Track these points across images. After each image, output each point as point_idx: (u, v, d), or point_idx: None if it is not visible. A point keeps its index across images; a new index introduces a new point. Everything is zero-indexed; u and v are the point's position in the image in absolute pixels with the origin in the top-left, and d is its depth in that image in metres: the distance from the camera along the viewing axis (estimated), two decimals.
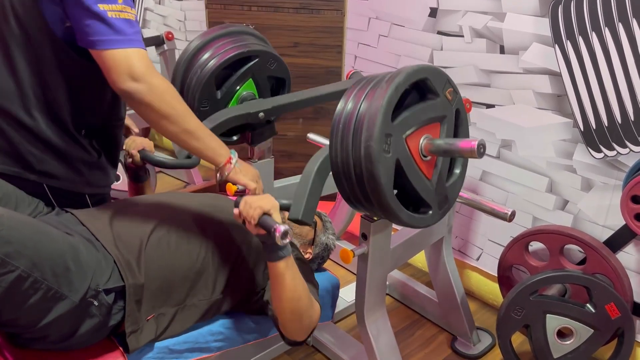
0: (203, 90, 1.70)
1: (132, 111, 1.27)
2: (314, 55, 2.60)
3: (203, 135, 1.25)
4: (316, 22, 2.54)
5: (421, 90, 1.23)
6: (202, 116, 1.66)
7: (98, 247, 1.20)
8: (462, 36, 2.04)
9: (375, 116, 1.11)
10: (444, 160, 1.28)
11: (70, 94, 1.25)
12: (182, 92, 1.74)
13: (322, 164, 1.35)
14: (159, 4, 3.38)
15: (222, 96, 1.75)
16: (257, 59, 1.75)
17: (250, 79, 1.78)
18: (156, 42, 2.80)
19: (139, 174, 1.60)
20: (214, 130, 1.55)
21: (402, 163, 1.17)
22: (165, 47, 2.80)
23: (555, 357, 1.69)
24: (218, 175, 1.32)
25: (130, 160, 1.52)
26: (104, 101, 1.33)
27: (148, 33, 3.35)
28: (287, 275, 1.22)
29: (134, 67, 1.12)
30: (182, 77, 1.74)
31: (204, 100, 1.71)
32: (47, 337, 1.13)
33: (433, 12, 2.12)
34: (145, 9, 3.48)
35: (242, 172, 1.33)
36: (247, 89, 1.78)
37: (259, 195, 1.23)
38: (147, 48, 1.21)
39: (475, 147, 1.10)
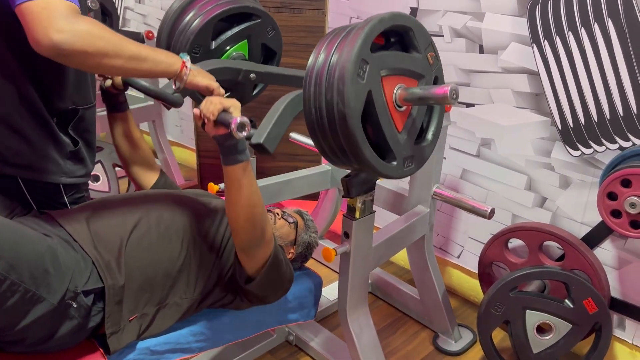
0: (199, 33, 1.60)
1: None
2: (295, 54, 2.59)
3: (148, 54, 1.16)
4: (297, 21, 2.54)
5: (404, 44, 1.23)
6: (191, 61, 1.58)
7: (76, 248, 1.19)
8: (442, 36, 2.06)
9: (354, 41, 1.10)
10: (417, 118, 1.27)
11: (35, 78, 1.22)
12: (173, 33, 1.65)
13: (294, 99, 1.33)
14: (139, 2, 3.35)
15: (215, 47, 1.67)
16: (258, 20, 1.69)
17: (246, 40, 1.71)
18: (136, 39, 2.77)
19: (118, 100, 1.47)
20: None
21: (374, 98, 1.15)
22: None
23: (535, 352, 1.71)
24: (176, 83, 1.25)
25: (110, 83, 1.40)
26: (68, 82, 1.28)
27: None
28: (244, 181, 1.18)
29: (55, 17, 0.99)
30: (177, 17, 1.65)
31: (197, 45, 1.62)
32: (24, 339, 1.11)
33: (413, 12, 2.13)
34: (125, 8, 3.45)
35: (200, 75, 1.26)
36: (239, 49, 1.71)
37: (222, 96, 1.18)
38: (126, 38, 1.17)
39: (449, 91, 1.10)
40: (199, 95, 1.53)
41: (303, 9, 2.52)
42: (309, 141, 2.12)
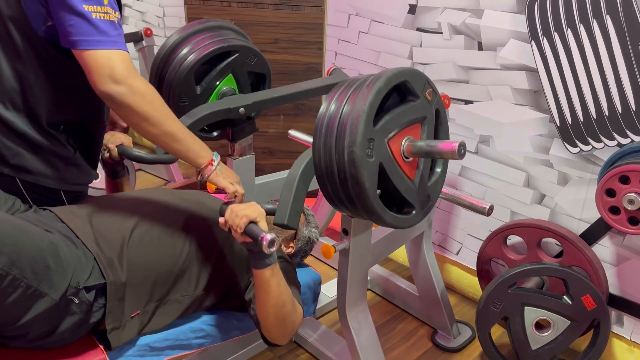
0: (182, 85, 1.68)
1: None
2: (294, 51, 2.59)
3: (184, 138, 1.24)
4: (296, 18, 2.54)
5: (401, 93, 1.25)
6: (181, 111, 1.64)
7: (78, 244, 1.19)
8: (441, 33, 2.06)
9: (357, 121, 1.12)
10: (426, 160, 1.30)
11: (49, 91, 1.25)
12: (161, 87, 1.73)
13: (305, 168, 1.36)
14: (138, 0, 3.34)
15: (201, 91, 1.73)
16: (237, 54, 1.74)
17: (230, 74, 1.77)
18: (135, 38, 2.77)
19: (116, 169, 1.57)
20: (193, 125, 1.54)
21: (385, 166, 1.18)
22: (144, 43, 2.78)
23: (534, 348, 1.72)
24: (199, 176, 1.32)
25: (108, 155, 1.51)
26: (85, 100, 1.31)
27: (126, 29, 3.30)
28: (272, 283, 1.22)
29: (116, 69, 1.12)
30: (161, 72, 1.73)
31: (183, 95, 1.70)
32: (26, 335, 1.11)
33: (412, 9, 2.13)
34: (124, 5, 3.44)
35: (222, 175, 1.32)
36: (227, 84, 1.77)
37: (246, 204, 1.22)
38: (126, 44, 1.21)
39: (456, 148, 1.12)
40: (198, 133, 1.67)
41: (302, 5, 2.51)
42: (308, 138, 2.12)
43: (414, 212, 1.28)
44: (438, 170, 1.36)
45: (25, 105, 1.24)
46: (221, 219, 1.22)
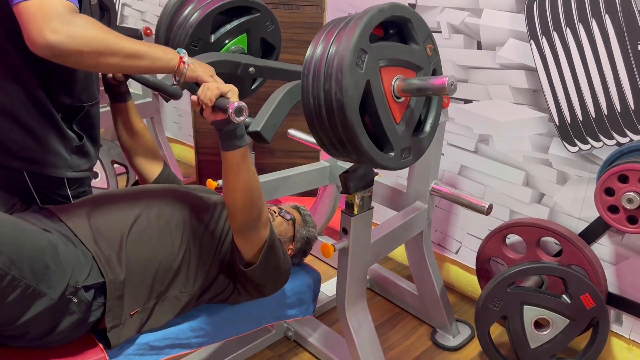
0: (198, 27, 1.60)
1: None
2: (293, 50, 2.59)
3: (145, 51, 1.15)
4: (295, 17, 2.54)
5: (403, 35, 1.24)
6: (190, 54, 1.57)
7: (76, 244, 1.19)
8: (440, 32, 2.06)
9: (353, 30, 1.10)
10: (414, 110, 1.27)
11: (40, 73, 1.23)
12: (173, 25, 1.65)
13: (292, 88, 1.33)
14: None
15: (214, 41, 1.66)
16: (258, 14, 1.69)
17: (245, 34, 1.71)
18: (134, 35, 2.77)
19: (120, 91, 1.48)
20: None
21: (373, 88, 1.15)
22: None
23: (533, 347, 1.72)
24: (176, 78, 1.25)
25: (111, 75, 1.42)
26: (75, 79, 1.29)
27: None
28: (242, 166, 1.20)
29: (50, 18, 0.98)
30: (176, 10, 1.65)
31: (196, 38, 1.62)
32: (25, 334, 1.11)
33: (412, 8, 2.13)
34: (124, 5, 3.44)
35: (199, 68, 1.25)
36: (237, 43, 1.71)
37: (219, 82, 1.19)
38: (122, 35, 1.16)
39: (446, 82, 1.10)
40: (197, 87, 1.54)
41: (301, 5, 2.51)
42: (307, 137, 2.12)
43: (392, 154, 1.23)
44: (427, 129, 1.34)
45: (26, 95, 1.22)
46: (193, 97, 1.17)
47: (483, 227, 2.13)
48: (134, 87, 1.37)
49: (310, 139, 2.09)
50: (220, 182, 1.71)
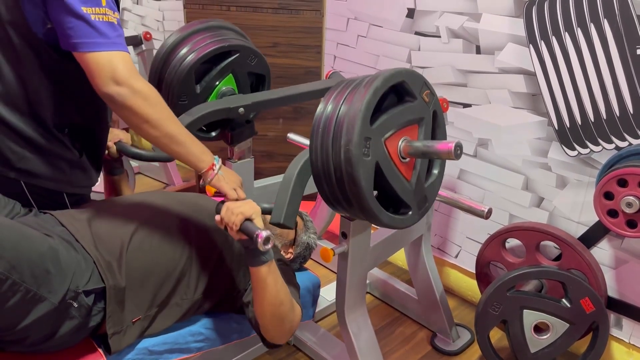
0: (182, 83, 1.67)
1: None
2: (293, 55, 2.60)
3: (185, 140, 1.24)
4: (295, 22, 2.55)
5: (399, 93, 1.25)
6: (180, 110, 1.63)
7: (77, 248, 1.19)
8: (439, 36, 2.07)
9: (354, 120, 1.12)
10: (423, 161, 1.30)
11: (52, 93, 1.25)
12: (160, 86, 1.72)
13: (302, 167, 1.36)
14: (137, 4, 3.35)
15: (201, 91, 1.72)
16: (237, 54, 1.73)
17: (230, 74, 1.75)
18: (134, 42, 2.78)
19: (114, 166, 1.58)
20: (193, 123, 1.53)
21: (382, 166, 1.18)
22: (144, 47, 2.78)
23: (533, 351, 1.72)
24: (201, 181, 1.32)
25: (107, 152, 1.51)
26: (88, 102, 1.32)
27: (126, 33, 3.30)
28: (269, 280, 1.23)
29: (117, 71, 1.12)
30: (160, 70, 1.72)
31: (182, 94, 1.68)
32: (25, 339, 1.11)
33: (410, 13, 2.14)
34: (123, 9, 3.45)
35: (224, 180, 1.32)
36: (226, 84, 1.76)
37: (241, 201, 1.23)
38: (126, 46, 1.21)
39: (452, 148, 1.12)
40: (197, 132, 1.66)
41: (301, 10, 2.52)
42: (307, 142, 2.12)
43: (410, 212, 1.28)
44: (435, 171, 1.36)
45: (30, 109, 1.24)
46: (217, 217, 1.22)
47: (482, 231, 2.13)
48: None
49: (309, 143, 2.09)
50: None
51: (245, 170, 1.87)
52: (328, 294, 2.15)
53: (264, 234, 1.15)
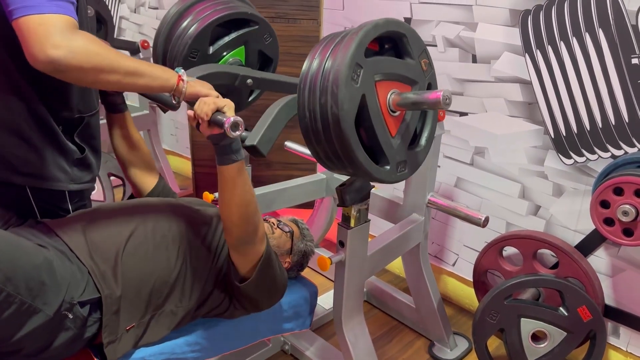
0: (197, 38, 1.61)
1: None
2: (290, 64, 2.60)
3: (144, 69, 1.16)
4: (292, 31, 2.55)
5: (398, 50, 1.25)
6: (188, 66, 1.59)
7: (72, 259, 1.19)
8: (436, 46, 2.08)
9: (348, 45, 1.11)
10: (411, 122, 1.28)
11: (40, 89, 1.23)
12: (171, 36, 1.66)
13: (289, 102, 1.34)
14: (135, 12, 3.36)
15: (213, 52, 1.67)
16: (256, 27, 1.70)
17: (243, 46, 1.72)
18: (131, 49, 2.78)
19: (116, 102, 1.48)
20: (202, 78, 1.46)
21: (368, 102, 1.16)
22: (141, 55, 2.79)
23: None
24: (175, 97, 1.26)
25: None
26: (72, 91, 1.29)
27: None
28: (238, 180, 1.20)
29: (50, 33, 0.99)
30: (174, 22, 1.66)
31: (194, 50, 1.63)
32: (20, 351, 1.11)
33: (407, 22, 2.15)
34: (121, 17, 3.46)
35: (197, 84, 1.25)
36: (235, 55, 1.72)
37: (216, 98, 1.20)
38: (122, 53, 1.18)
39: (441, 97, 1.11)
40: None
41: (298, 19, 2.53)
42: (304, 150, 2.13)
43: (387, 167, 1.24)
44: (422, 142, 1.34)
45: (28, 109, 1.22)
46: (189, 112, 1.18)
47: (480, 239, 2.13)
48: (130, 99, 1.37)
49: (307, 151, 2.09)
50: (217, 194, 1.71)
51: None
52: (325, 302, 2.15)
53: (233, 118, 1.10)
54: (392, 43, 1.24)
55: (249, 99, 1.80)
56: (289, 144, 2.18)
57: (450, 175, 2.17)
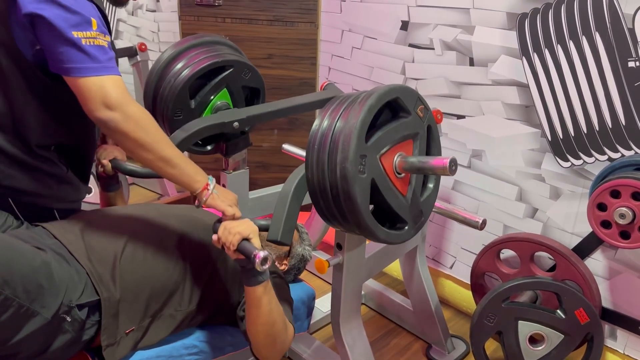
0: (177, 99, 1.68)
1: None
2: (288, 66, 2.61)
3: (179, 162, 1.23)
4: (290, 34, 2.56)
5: (393, 109, 1.26)
6: (175, 126, 1.64)
7: (70, 261, 1.19)
8: (433, 49, 2.08)
9: (349, 138, 1.13)
10: (418, 176, 1.30)
11: (38, 114, 1.24)
12: (155, 101, 1.73)
13: (299, 183, 1.36)
14: (132, 15, 3.36)
15: (196, 105, 1.73)
16: (231, 69, 1.75)
17: (225, 88, 1.77)
18: (129, 53, 2.78)
19: (110, 183, 1.58)
20: (187, 139, 1.54)
21: (378, 182, 1.19)
22: (139, 58, 2.79)
23: None
24: (196, 201, 1.31)
25: (102, 169, 1.51)
26: (76, 123, 1.31)
27: (121, 44, 3.33)
28: (263, 300, 1.22)
29: (109, 96, 1.12)
30: (155, 86, 1.73)
31: (177, 109, 1.70)
32: (18, 354, 1.10)
33: (404, 25, 2.15)
34: (118, 20, 3.45)
35: (219, 198, 1.31)
36: (221, 98, 1.77)
37: (238, 221, 1.22)
38: (120, 59, 1.20)
39: (447, 164, 1.12)
40: (192, 147, 1.68)
41: (296, 22, 2.54)
42: (302, 152, 2.13)
43: (406, 227, 1.28)
44: (430, 185, 1.37)
45: (15, 128, 1.23)
46: (214, 237, 1.21)
47: (477, 242, 2.14)
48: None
49: (304, 153, 2.09)
50: None
51: (240, 181, 1.87)
52: (323, 305, 2.14)
53: (262, 254, 1.14)
54: (387, 106, 1.24)
55: (244, 132, 1.82)
56: (286, 146, 2.18)
57: (447, 178, 2.17)
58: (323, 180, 1.18)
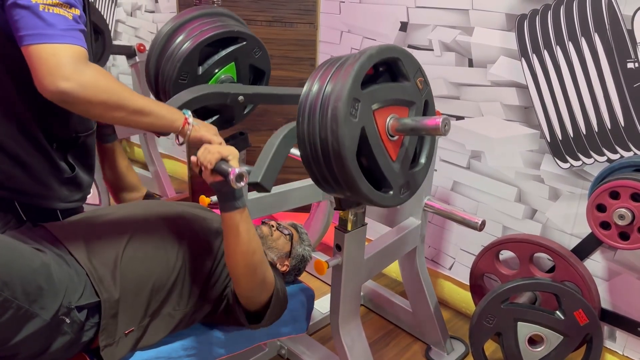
0: (186, 61, 1.62)
1: None
2: (287, 67, 2.61)
3: (152, 108, 1.17)
4: (289, 35, 2.56)
5: (393, 73, 1.25)
6: (178, 88, 1.60)
7: (70, 262, 1.18)
8: (432, 50, 2.08)
9: (345, 80, 1.11)
10: (410, 145, 1.28)
11: (36, 107, 1.23)
12: (161, 60, 1.68)
13: (288, 133, 1.34)
14: (131, 16, 3.36)
15: (202, 73, 1.68)
16: (244, 42, 1.71)
17: (233, 62, 1.72)
18: (128, 53, 2.78)
19: (105, 133, 1.50)
20: (192, 101, 1.49)
21: (368, 133, 1.16)
22: (137, 59, 2.79)
23: None
24: (179, 138, 1.25)
25: None
26: (72, 113, 1.30)
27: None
28: (241, 227, 1.20)
29: (61, 65, 1.00)
30: (164, 44, 1.68)
31: (184, 72, 1.64)
32: (16, 356, 1.09)
33: (403, 26, 2.15)
34: (117, 21, 3.46)
35: (203, 128, 1.26)
36: (227, 72, 1.72)
37: (220, 145, 1.20)
38: (118, 57, 1.17)
39: (440, 123, 1.11)
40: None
41: (295, 22, 2.54)
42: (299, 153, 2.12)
43: (391, 192, 1.24)
44: (422, 161, 1.34)
45: (17, 125, 1.22)
46: (193, 158, 1.18)
47: (476, 243, 2.14)
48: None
49: None
50: (213, 198, 1.71)
51: None
52: (322, 306, 2.14)
53: (237, 170, 1.10)
54: (387, 66, 1.24)
55: (245, 112, 1.80)
56: None
57: (446, 178, 2.17)
58: (313, 127, 1.16)
